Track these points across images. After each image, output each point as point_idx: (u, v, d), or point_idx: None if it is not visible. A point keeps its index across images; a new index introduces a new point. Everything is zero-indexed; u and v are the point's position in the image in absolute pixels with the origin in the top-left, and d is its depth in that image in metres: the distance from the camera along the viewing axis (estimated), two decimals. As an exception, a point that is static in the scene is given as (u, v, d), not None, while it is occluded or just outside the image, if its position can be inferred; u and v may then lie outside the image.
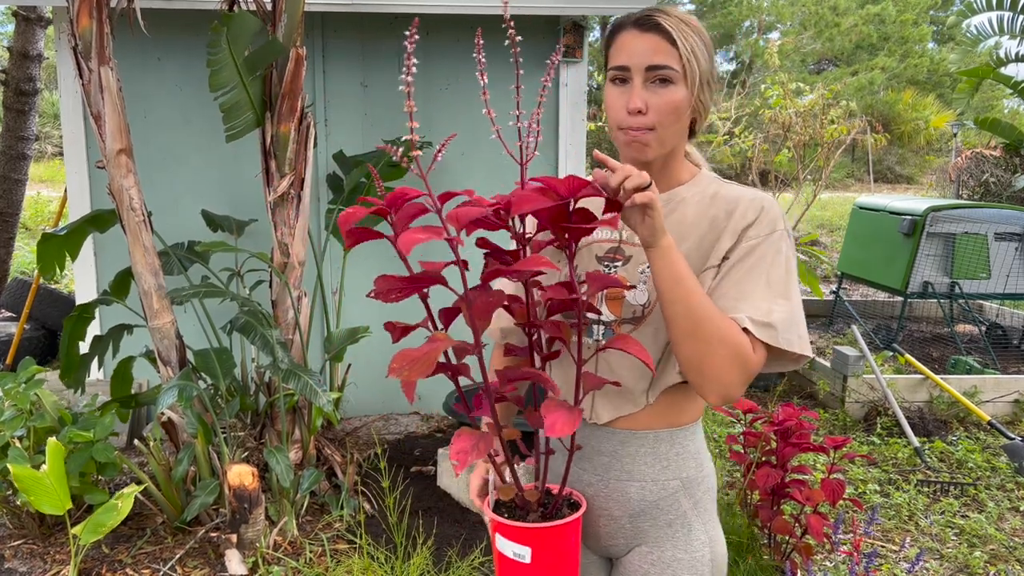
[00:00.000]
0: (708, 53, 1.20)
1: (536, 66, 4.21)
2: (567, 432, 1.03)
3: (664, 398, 1.25)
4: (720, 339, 1.09)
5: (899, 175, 21.41)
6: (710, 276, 1.19)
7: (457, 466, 1.06)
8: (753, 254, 1.17)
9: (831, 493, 2.56)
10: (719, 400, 1.13)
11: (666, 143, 1.20)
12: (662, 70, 1.16)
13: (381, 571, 2.66)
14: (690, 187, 1.26)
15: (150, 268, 3.00)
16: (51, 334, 5.29)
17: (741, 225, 1.19)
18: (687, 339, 1.10)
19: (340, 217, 1.02)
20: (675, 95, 1.17)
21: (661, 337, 1.21)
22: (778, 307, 1.14)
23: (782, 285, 1.17)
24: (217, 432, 2.96)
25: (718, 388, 1.12)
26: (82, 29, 2.82)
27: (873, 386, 4.53)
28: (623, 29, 1.20)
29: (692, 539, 1.27)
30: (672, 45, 1.16)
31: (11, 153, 5.73)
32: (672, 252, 1.09)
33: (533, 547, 1.13)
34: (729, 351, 1.10)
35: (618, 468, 1.26)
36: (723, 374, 1.10)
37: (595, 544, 1.32)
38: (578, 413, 1.06)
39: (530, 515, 1.16)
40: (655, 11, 1.19)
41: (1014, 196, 10.97)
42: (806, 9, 21.64)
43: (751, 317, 1.13)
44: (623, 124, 1.19)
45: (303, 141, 3.23)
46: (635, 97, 1.16)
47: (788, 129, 6.88)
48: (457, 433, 1.11)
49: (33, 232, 10.10)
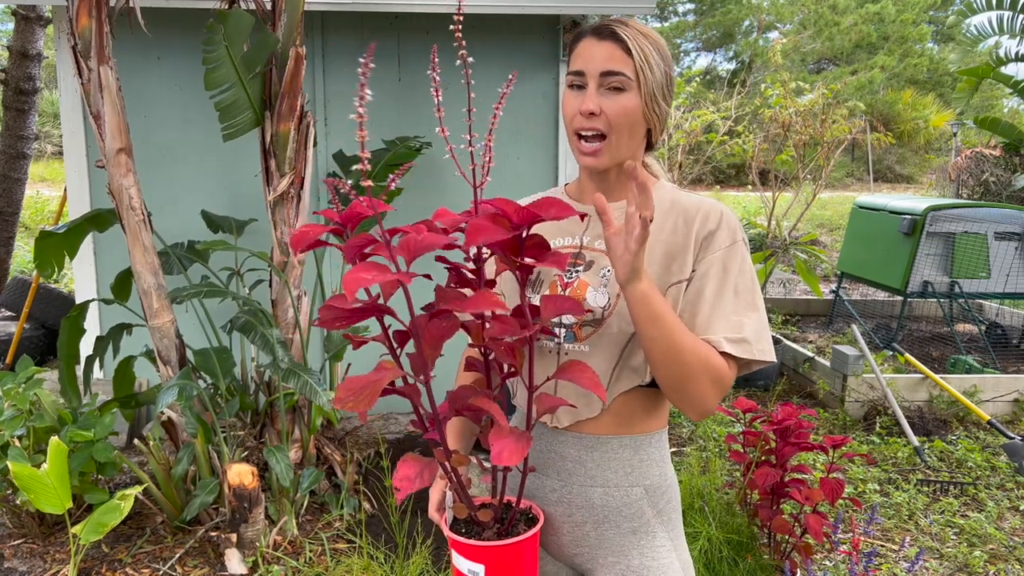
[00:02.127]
0: (664, 65, 1.23)
1: (536, 66, 4.22)
2: (515, 461, 1.02)
3: (627, 404, 1.26)
4: (700, 368, 1.13)
5: (899, 174, 21.42)
6: (680, 291, 1.22)
7: (399, 493, 1.06)
8: (719, 266, 1.20)
9: (831, 492, 2.56)
10: (699, 417, 1.19)
11: (619, 151, 1.23)
12: (616, 76, 1.19)
13: (381, 571, 2.66)
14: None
15: (150, 267, 3.00)
16: (51, 333, 5.29)
17: (703, 233, 1.22)
18: (667, 368, 1.14)
19: (293, 238, 1.02)
20: (627, 102, 1.20)
21: (621, 339, 1.23)
22: (749, 320, 1.18)
23: (749, 295, 1.20)
24: (217, 431, 2.96)
25: (698, 407, 1.17)
26: (81, 28, 2.81)
27: (873, 385, 4.53)
28: (583, 37, 1.24)
29: (657, 546, 1.27)
30: (627, 54, 1.19)
31: (11, 152, 5.73)
32: (649, 294, 1.11)
33: (487, 564, 1.13)
34: (708, 377, 1.14)
35: (581, 473, 1.27)
36: (703, 397, 1.15)
37: (559, 552, 1.32)
38: (527, 440, 1.06)
39: (485, 532, 1.16)
40: (613, 21, 1.23)
41: (1014, 195, 10.97)
42: (806, 8, 21.64)
43: (727, 337, 1.17)
44: (576, 126, 1.23)
45: (303, 140, 3.23)
46: (588, 100, 1.20)
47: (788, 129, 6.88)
48: (403, 459, 1.11)
49: (33, 231, 10.10)
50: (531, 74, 4.19)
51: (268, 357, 3.00)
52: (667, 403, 1.31)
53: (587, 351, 1.25)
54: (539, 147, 4.27)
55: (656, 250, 1.23)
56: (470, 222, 1.02)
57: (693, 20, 24.43)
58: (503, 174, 4.17)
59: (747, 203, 15.05)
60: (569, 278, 1.27)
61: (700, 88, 8.97)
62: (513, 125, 4.18)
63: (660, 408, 1.29)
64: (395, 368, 1.04)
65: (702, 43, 24.80)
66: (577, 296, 1.25)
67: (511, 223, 1.04)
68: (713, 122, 7.54)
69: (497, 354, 1.11)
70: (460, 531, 1.17)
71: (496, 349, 1.10)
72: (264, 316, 3.06)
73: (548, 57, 4.23)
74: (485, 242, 1.00)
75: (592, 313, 1.24)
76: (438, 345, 1.07)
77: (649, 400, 1.27)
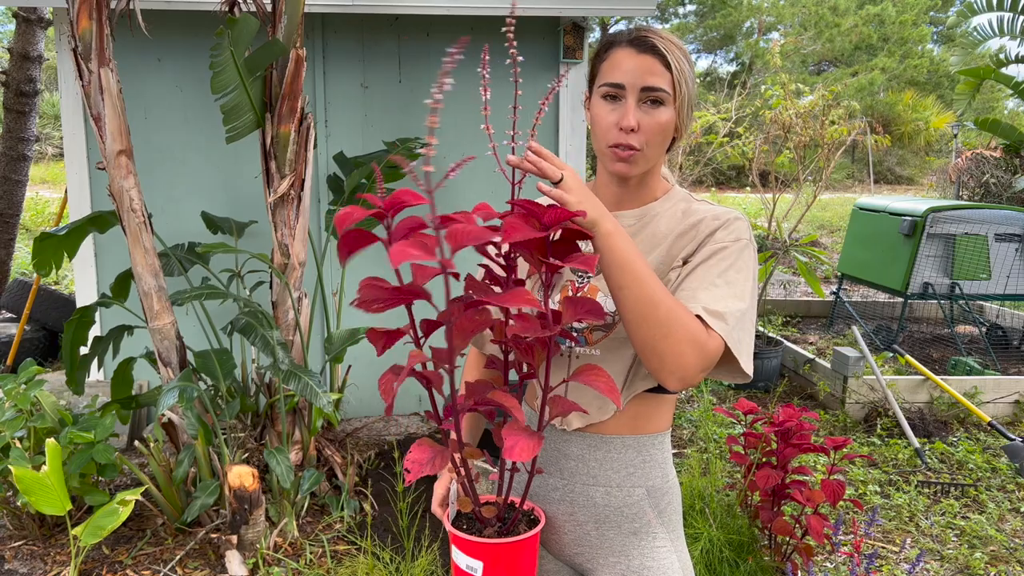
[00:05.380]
0: (693, 77, 1.23)
1: (536, 67, 4.22)
2: (526, 457, 1.02)
3: (634, 405, 1.26)
4: (675, 322, 1.09)
5: (899, 176, 21.42)
6: (673, 275, 1.22)
7: (409, 475, 1.06)
8: (716, 255, 1.19)
9: (831, 494, 2.56)
10: (679, 385, 1.13)
11: (650, 161, 1.24)
12: (656, 92, 1.19)
13: (386, 571, 2.66)
14: (663, 203, 1.30)
15: (150, 269, 3.00)
16: (51, 335, 5.29)
17: (705, 232, 1.22)
18: (640, 324, 1.10)
19: (337, 216, 1.00)
20: (664, 116, 1.20)
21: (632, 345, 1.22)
22: (733, 304, 1.15)
23: (740, 287, 1.17)
24: (217, 433, 2.96)
25: (677, 371, 1.11)
26: (82, 30, 2.82)
27: (873, 387, 4.53)
28: (617, 46, 1.22)
29: (657, 547, 1.28)
30: (666, 68, 1.19)
31: (11, 154, 5.74)
32: (614, 237, 1.09)
33: (485, 562, 1.14)
34: (685, 334, 1.09)
35: (584, 472, 1.28)
36: (680, 357, 1.10)
37: (560, 552, 1.33)
38: (539, 438, 1.06)
39: (486, 529, 1.17)
40: (649, 31, 1.21)
41: (1014, 197, 10.97)
42: (806, 10, 21.66)
43: (705, 306, 1.13)
44: (613, 140, 1.21)
45: (303, 142, 3.23)
46: (630, 115, 1.19)
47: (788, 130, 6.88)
48: (417, 442, 1.11)
49: (34, 233, 10.11)
50: (532, 75, 4.19)
51: (269, 359, 3.00)
52: (671, 405, 1.31)
53: (598, 355, 1.25)
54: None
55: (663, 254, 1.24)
56: (506, 220, 1.03)
57: (694, 22, 24.45)
58: (503, 179, 4.17)
59: (747, 205, 15.06)
60: (581, 282, 1.29)
61: (701, 90, 8.98)
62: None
63: (665, 410, 1.30)
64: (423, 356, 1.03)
65: (703, 45, 24.82)
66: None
67: (541, 223, 1.05)
68: (714, 124, 7.54)
69: (517, 353, 1.11)
70: (462, 527, 1.18)
71: (517, 348, 1.11)
72: (264, 318, 3.06)
73: (549, 58, 4.23)
74: (520, 239, 1.01)
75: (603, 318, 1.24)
76: (467, 337, 1.06)
77: (655, 403, 1.27)
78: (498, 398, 1.09)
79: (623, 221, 1.28)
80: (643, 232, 1.27)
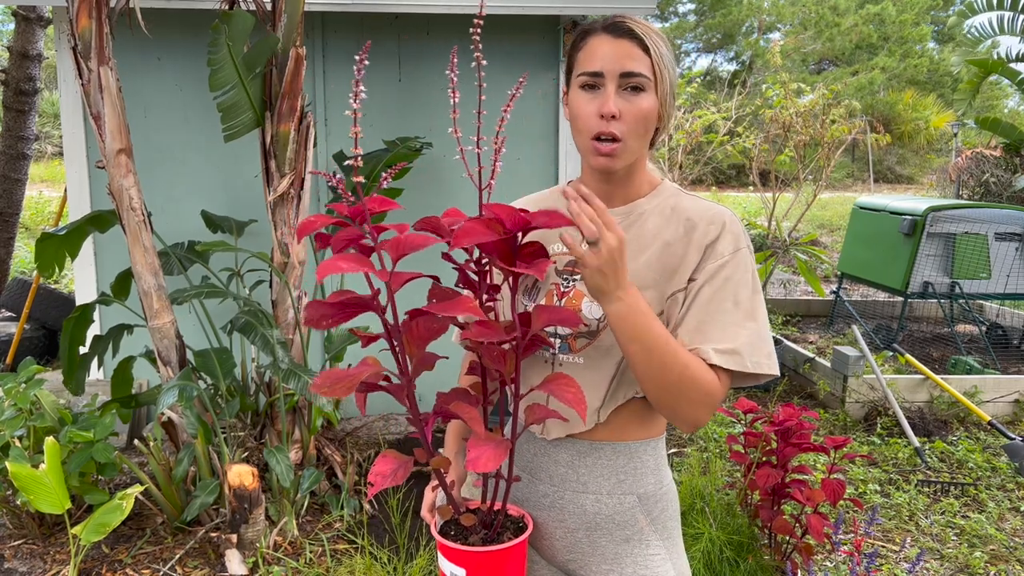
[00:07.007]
0: (674, 63, 1.19)
1: (536, 66, 4.21)
2: (491, 467, 1.02)
3: (622, 414, 1.23)
4: (686, 383, 1.10)
5: (899, 175, 21.43)
6: (679, 301, 1.18)
7: (371, 488, 1.07)
8: (719, 275, 1.16)
9: (831, 493, 2.56)
10: (690, 430, 1.17)
11: (633, 153, 1.19)
12: (636, 77, 1.14)
13: (384, 571, 2.66)
14: (650, 199, 1.25)
15: (150, 268, 3.00)
16: (51, 334, 5.29)
17: (704, 242, 1.18)
18: (653, 387, 1.11)
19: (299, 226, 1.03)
20: (646, 103, 1.15)
21: (617, 352, 1.19)
22: (744, 330, 1.14)
23: (748, 304, 1.16)
24: (217, 432, 2.96)
25: (689, 422, 1.14)
26: (81, 29, 2.81)
27: (873, 386, 4.53)
28: (593, 34, 1.18)
29: (650, 554, 1.24)
30: (645, 52, 1.14)
31: (11, 153, 5.74)
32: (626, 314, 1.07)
33: (468, 569, 1.13)
34: (697, 395, 1.11)
35: (574, 480, 1.25)
36: (693, 413, 1.13)
37: (553, 558, 1.30)
38: (505, 447, 1.06)
39: (471, 537, 1.16)
40: (625, 17, 1.17)
41: (1014, 196, 10.97)
42: (806, 9, 21.65)
43: (716, 348, 1.12)
44: (595, 130, 1.16)
45: (303, 141, 3.23)
46: (609, 102, 1.13)
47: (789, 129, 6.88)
48: (382, 455, 1.11)
49: (33, 232, 10.11)
50: (531, 74, 4.18)
51: (268, 358, 3.00)
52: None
53: (582, 363, 1.22)
54: (539, 147, 4.27)
55: (655, 258, 1.20)
56: (463, 223, 1.02)
57: (694, 21, 24.45)
58: (504, 174, 4.16)
59: (747, 204, 15.05)
60: (566, 287, 1.24)
61: (701, 89, 8.97)
62: (513, 125, 4.18)
63: (656, 416, 1.26)
64: (376, 364, 1.05)
65: (703, 44, 24.82)
66: (572, 306, 1.22)
67: (503, 227, 1.04)
68: (714, 123, 7.54)
69: (486, 359, 1.10)
70: (449, 533, 1.17)
71: (487, 354, 1.09)
72: (264, 317, 3.06)
73: (548, 57, 4.23)
74: (471, 244, 1.00)
75: (587, 325, 1.21)
76: (423, 345, 1.07)
77: (645, 409, 1.24)
78: (456, 409, 1.09)
79: None
80: (630, 231, 1.22)
